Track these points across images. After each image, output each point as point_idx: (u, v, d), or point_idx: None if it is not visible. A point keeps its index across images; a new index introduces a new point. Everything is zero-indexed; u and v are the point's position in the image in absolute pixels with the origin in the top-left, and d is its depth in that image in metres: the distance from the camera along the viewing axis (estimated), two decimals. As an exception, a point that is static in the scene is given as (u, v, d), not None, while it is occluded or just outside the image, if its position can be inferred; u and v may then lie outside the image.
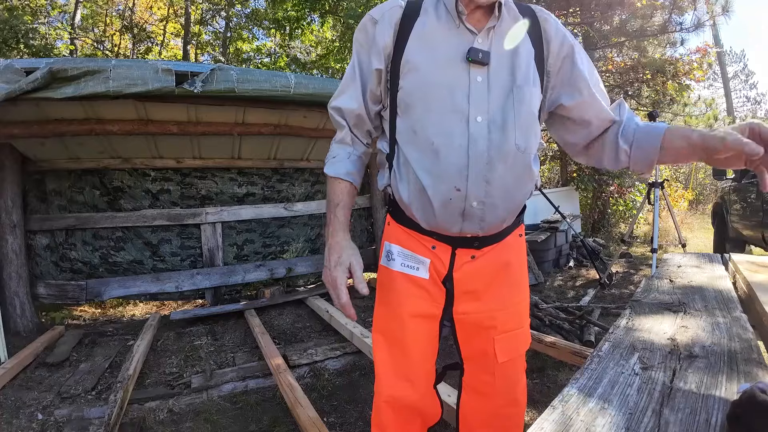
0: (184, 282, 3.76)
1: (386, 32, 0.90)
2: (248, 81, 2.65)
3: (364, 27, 0.94)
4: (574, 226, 5.35)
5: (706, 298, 1.08)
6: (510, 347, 1.00)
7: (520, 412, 1.06)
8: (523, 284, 1.05)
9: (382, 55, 0.91)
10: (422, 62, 0.87)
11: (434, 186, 0.88)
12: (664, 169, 9.61)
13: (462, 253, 0.96)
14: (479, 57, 0.85)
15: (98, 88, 2.33)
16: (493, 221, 0.93)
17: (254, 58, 13.03)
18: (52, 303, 3.44)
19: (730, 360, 0.71)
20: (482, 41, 0.87)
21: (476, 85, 0.86)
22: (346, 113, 0.97)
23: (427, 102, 0.87)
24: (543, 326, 2.88)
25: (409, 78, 0.88)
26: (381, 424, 1.04)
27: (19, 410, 2.06)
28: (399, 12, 0.91)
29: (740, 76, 23.42)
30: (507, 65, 0.88)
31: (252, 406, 2.14)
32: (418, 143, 0.89)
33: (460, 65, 0.86)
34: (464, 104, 0.85)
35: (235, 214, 4.07)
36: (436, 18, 0.89)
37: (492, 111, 0.86)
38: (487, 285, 0.98)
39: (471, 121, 0.85)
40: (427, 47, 0.88)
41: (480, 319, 0.99)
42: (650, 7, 5.99)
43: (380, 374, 1.02)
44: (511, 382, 1.02)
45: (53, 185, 3.52)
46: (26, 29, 8.60)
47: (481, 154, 0.86)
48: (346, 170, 0.97)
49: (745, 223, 4.00)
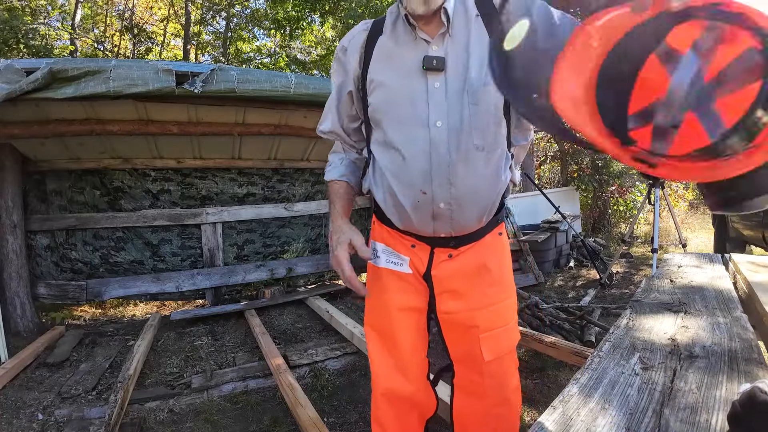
0: (184, 282, 3.76)
1: (353, 57, 0.98)
2: (248, 81, 2.65)
3: (337, 56, 1.03)
4: (575, 226, 5.34)
5: (707, 298, 1.08)
6: (495, 345, 1.02)
7: (513, 411, 1.06)
8: (505, 282, 1.06)
9: (353, 78, 0.99)
10: (385, 78, 0.93)
11: (403, 191, 0.94)
12: (665, 169, 9.57)
13: (440, 252, 1.01)
14: (434, 64, 0.89)
15: (99, 88, 2.33)
16: (463, 221, 0.96)
17: (254, 59, 13.03)
18: (52, 303, 3.45)
19: (731, 360, 0.71)
20: (437, 48, 0.91)
21: (434, 91, 0.90)
22: (330, 135, 1.09)
23: (392, 114, 0.93)
24: (543, 326, 2.88)
25: (375, 95, 0.95)
26: (379, 419, 1.08)
27: (20, 410, 2.06)
28: (364, 36, 0.98)
29: (740, 76, 23.43)
30: (462, 67, 0.90)
31: (252, 407, 2.14)
32: (387, 151, 0.95)
33: (418, 74, 0.90)
34: (424, 111, 0.90)
35: (236, 214, 4.07)
36: (395, 34, 0.94)
37: (450, 114, 0.90)
38: (468, 284, 1.01)
39: (431, 127, 0.90)
40: (388, 63, 0.94)
41: (463, 319, 1.01)
42: (650, 7, 5.99)
43: (376, 367, 1.07)
44: (501, 381, 1.04)
45: (54, 185, 3.52)
46: (26, 30, 8.60)
47: (443, 157, 0.90)
48: (339, 173, 1.07)
49: (746, 223, 4.00)
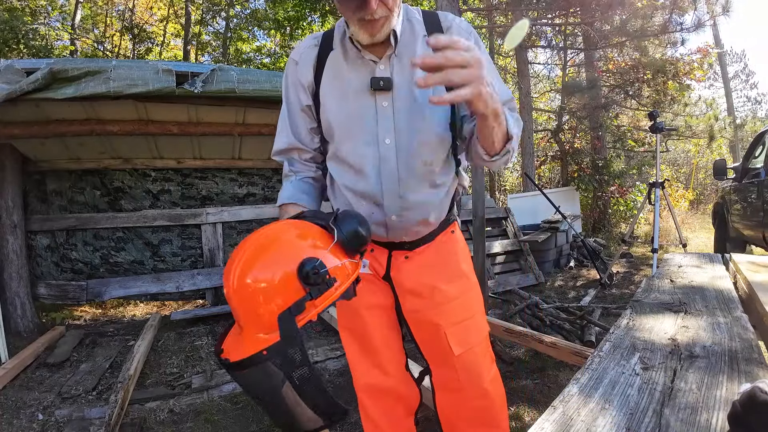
0: (184, 282, 3.76)
1: (306, 71, 0.98)
2: (248, 81, 2.66)
3: (288, 69, 1.02)
4: (575, 226, 5.34)
5: (707, 298, 1.08)
6: (463, 338, 1.03)
7: (493, 403, 1.07)
8: (465, 276, 1.07)
9: (308, 92, 0.99)
10: (335, 95, 0.95)
11: (357, 203, 0.97)
12: (665, 169, 9.62)
13: (397, 254, 1.04)
14: (380, 85, 0.90)
15: (99, 88, 2.33)
16: (415, 229, 1.00)
17: (254, 59, 13.03)
18: (52, 303, 3.45)
19: (731, 360, 0.71)
20: (384, 68, 0.92)
21: (382, 110, 0.92)
22: (284, 153, 1.05)
23: (343, 130, 0.95)
24: (543, 326, 2.88)
25: (326, 110, 0.96)
26: (369, 415, 1.11)
27: (20, 410, 2.06)
28: (315, 51, 0.98)
29: (741, 76, 23.37)
30: (408, 87, 0.91)
31: (253, 407, 2.14)
32: (341, 166, 0.98)
33: (367, 94, 0.92)
34: (374, 129, 0.92)
35: (236, 214, 4.07)
36: (342, 51, 0.95)
37: (398, 132, 0.92)
38: (427, 282, 1.03)
39: (380, 144, 0.92)
40: (337, 81, 0.95)
41: (428, 316, 1.03)
42: (651, 7, 5.99)
43: (353, 366, 1.10)
44: (475, 373, 1.05)
45: (54, 186, 3.52)
46: (26, 30, 8.61)
47: (392, 173, 0.93)
48: (288, 196, 1.02)
49: (746, 223, 4.00)
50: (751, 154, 4.24)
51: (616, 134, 7.90)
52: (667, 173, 10.80)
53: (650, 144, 7.64)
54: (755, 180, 3.75)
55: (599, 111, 7.06)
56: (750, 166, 4.16)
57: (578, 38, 7.79)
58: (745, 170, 4.22)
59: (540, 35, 7.45)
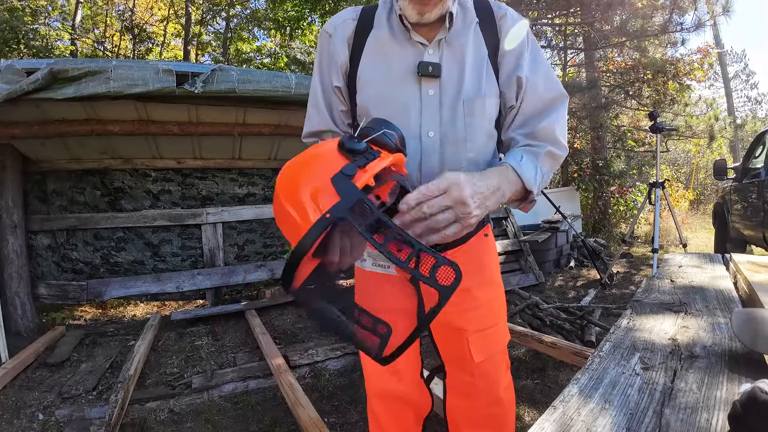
0: (184, 282, 3.76)
1: (341, 47, 0.90)
2: (249, 81, 2.65)
3: (321, 42, 0.94)
4: (575, 226, 5.34)
5: (707, 298, 1.08)
6: (486, 346, 1.00)
7: (505, 411, 1.06)
8: (493, 282, 1.04)
9: (341, 73, 0.91)
10: (376, 77, 0.87)
11: None
12: (665, 169, 9.61)
13: None
14: (429, 70, 0.83)
15: (99, 88, 2.33)
16: None
17: (254, 59, 13.03)
18: (53, 303, 3.45)
19: (731, 360, 0.71)
20: (433, 53, 0.85)
21: (428, 99, 0.85)
22: (317, 135, 0.97)
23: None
24: (544, 326, 2.88)
25: (363, 93, 0.88)
26: (376, 420, 1.08)
27: (20, 410, 2.06)
28: (352, 26, 0.90)
29: (741, 76, 23.40)
30: (457, 76, 0.86)
31: (253, 407, 2.14)
32: None
33: (412, 79, 0.85)
34: (417, 119, 0.85)
35: (236, 214, 4.07)
36: (389, 30, 0.87)
37: (444, 125, 0.86)
38: None
39: (423, 136, 0.85)
40: (380, 62, 0.87)
41: (451, 319, 0.99)
42: (651, 7, 5.99)
43: (368, 370, 1.06)
44: (492, 380, 1.03)
45: (54, 186, 3.52)
46: (27, 30, 8.61)
47: (433, 169, 0.86)
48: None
49: (746, 223, 4.00)
50: (751, 154, 4.24)
51: (616, 134, 7.89)
52: (668, 173, 10.78)
53: (650, 144, 7.63)
54: (755, 180, 3.75)
55: (599, 111, 7.05)
56: (750, 166, 4.17)
57: (578, 38, 7.78)
58: (746, 170, 4.22)
59: (540, 35, 7.45)
